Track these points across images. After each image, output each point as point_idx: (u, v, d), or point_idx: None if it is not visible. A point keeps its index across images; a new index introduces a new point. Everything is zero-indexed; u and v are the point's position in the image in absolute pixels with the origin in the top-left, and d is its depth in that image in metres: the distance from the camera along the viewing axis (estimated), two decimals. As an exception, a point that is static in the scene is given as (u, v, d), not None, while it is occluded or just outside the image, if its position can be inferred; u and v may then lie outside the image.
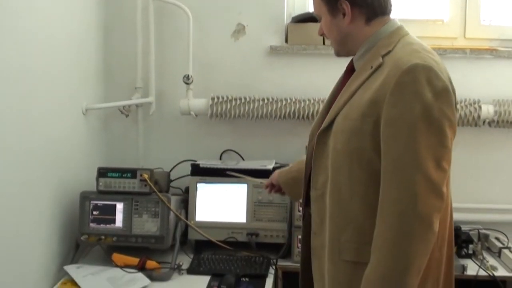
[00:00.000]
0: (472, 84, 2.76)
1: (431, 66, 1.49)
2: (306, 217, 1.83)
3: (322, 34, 1.76)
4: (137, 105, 2.88)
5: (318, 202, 1.71)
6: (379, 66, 1.58)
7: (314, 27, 2.34)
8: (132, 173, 2.46)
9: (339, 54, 1.76)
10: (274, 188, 2.18)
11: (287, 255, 2.51)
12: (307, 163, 1.81)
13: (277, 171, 2.19)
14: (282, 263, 2.48)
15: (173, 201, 2.48)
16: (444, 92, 1.49)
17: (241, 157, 2.91)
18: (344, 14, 1.64)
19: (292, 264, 2.46)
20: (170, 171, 2.79)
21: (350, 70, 1.74)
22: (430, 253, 1.52)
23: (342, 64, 1.80)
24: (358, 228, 1.59)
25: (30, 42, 2.12)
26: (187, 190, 2.69)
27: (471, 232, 2.58)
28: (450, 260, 1.72)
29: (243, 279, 2.32)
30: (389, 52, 1.59)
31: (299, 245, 2.44)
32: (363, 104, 1.56)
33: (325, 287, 1.70)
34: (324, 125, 1.69)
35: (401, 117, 1.47)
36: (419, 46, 1.58)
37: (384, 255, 1.47)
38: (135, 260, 2.37)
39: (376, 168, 1.53)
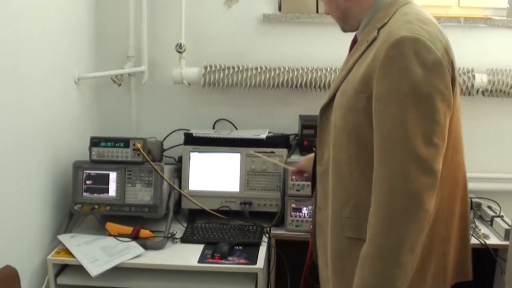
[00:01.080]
0: (466, 53, 2.75)
1: (419, 38, 1.43)
2: (315, 193, 1.82)
3: (327, 13, 1.74)
4: (129, 74, 2.85)
5: (323, 177, 1.71)
6: (374, 39, 1.55)
7: (307, -5, 2.32)
8: (125, 142, 2.45)
9: (344, 30, 1.73)
10: (302, 175, 2.16)
11: (280, 223, 2.52)
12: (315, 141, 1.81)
13: (303, 158, 2.16)
14: (275, 231, 2.49)
15: (166, 170, 2.48)
16: (435, 65, 1.44)
17: (234, 126, 2.91)
18: None
19: (286, 232, 2.48)
20: (163, 140, 2.78)
21: (354, 44, 1.70)
22: (433, 228, 1.52)
23: (336, 33, 1.79)
24: (358, 204, 1.58)
25: (20, 10, 2.09)
26: (180, 160, 2.68)
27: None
28: (463, 233, 1.69)
29: (237, 247, 2.34)
30: (384, 24, 1.55)
31: (292, 213, 2.46)
32: (356, 80, 1.54)
33: (328, 261, 1.70)
34: (325, 100, 1.68)
35: (389, 93, 1.44)
36: (415, 16, 1.52)
37: (376, 232, 1.46)
38: (128, 229, 2.37)
39: (373, 144, 1.50)
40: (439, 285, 1.66)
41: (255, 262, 2.23)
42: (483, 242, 2.40)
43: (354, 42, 1.71)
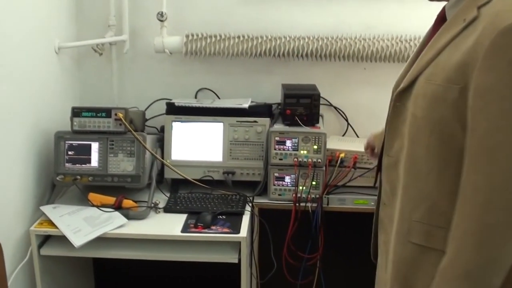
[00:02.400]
0: None
1: None
2: (379, 185, 1.70)
3: None
4: (110, 44, 2.82)
5: (390, 170, 1.56)
6: (474, 19, 1.32)
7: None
8: (107, 112, 2.43)
9: None
10: (373, 152, 2.03)
11: (263, 192, 2.53)
12: (385, 125, 1.62)
13: (372, 134, 2.03)
14: (258, 200, 2.50)
15: (149, 140, 2.47)
16: None
17: (217, 95, 2.89)
18: None
19: (268, 201, 2.48)
20: (145, 110, 2.77)
21: (441, 20, 1.48)
22: None
23: (319, 0, 1.72)
24: (431, 208, 1.43)
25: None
26: (162, 129, 2.67)
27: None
28: None
29: (220, 216, 2.34)
30: (487, 2, 1.32)
31: (275, 182, 2.46)
32: (450, 66, 1.34)
33: (388, 264, 1.58)
34: (403, 84, 1.48)
35: (494, 88, 1.25)
36: None
37: (464, 248, 1.31)
38: (111, 199, 2.37)
39: (459, 143, 1.34)
40: None
41: (238, 231, 2.24)
42: None
43: (441, 17, 1.49)
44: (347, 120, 2.89)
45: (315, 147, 2.44)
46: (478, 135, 1.28)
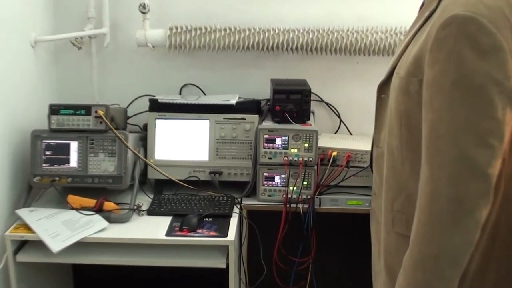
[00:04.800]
0: None
1: (473, 17, 1.27)
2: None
3: None
4: (90, 37, 2.80)
5: (379, 161, 1.66)
6: (433, 12, 1.41)
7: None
8: (86, 109, 2.41)
9: None
10: None
11: (252, 193, 2.52)
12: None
13: None
14: (246, 201, 2.49)
15: (131, 139, 2.45)
16: (493, 51, 1.27)
17: (202, 91, 2.88)
18: None
19: (258, 202, 2.48)
20: (127, 107, 2.76)
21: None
22: (494, 233, 1.43)
23: None
24: (408, 197, 1.49)
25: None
26: (145, 127, 2.65)
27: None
28: None
29: (206, 219, 2.33)
30: None
31: (265, 182, 2.45)
32: (410, 60, 1.43)
33: (380, 253, 1.65)
34: (384, 77, 1.59)
35: (436, 81, 1.32)
36: None
37: (418, 238, 1.37)
38: (91, 202, 2.35)
39: None
40: None
41: (226, 235, 2.23)
42: None
43: (422, 6, 1.58)
44: (339, 117, 2.89)
45: (306, 145, 2.43)
46: (426, 126, 1.35)
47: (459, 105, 1.29)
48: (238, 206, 2.44)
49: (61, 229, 2.21)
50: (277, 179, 2.47)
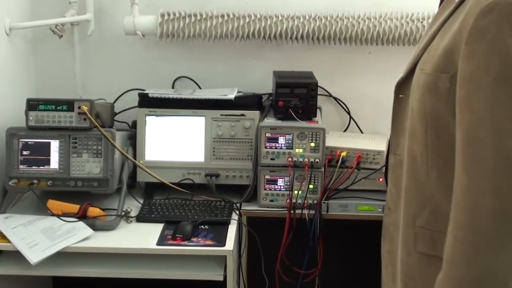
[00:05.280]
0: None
1: None
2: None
3: None
4: (72, 24, 2.80)
5: (396, 170, 1.63)
6: (463, 0, 1.39)
7: None
8: (69, 105, 2.41)
9: None
10: None
11: (252, 198, 2.52)
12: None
13: None
14: (246, 207, 2.49)
15: (118, 138, 2.45)
16: None
17: (197, 85, 2.89)
18: None
19: (259, 208, 2.47)
20: (114, 102, 2.76)
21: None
22: None
23: None
24: (435, 212, 1.47)
25: None
26: (134, 125, 2.65)
27: None
28: None
29: (202, 226, 2.32)
30: None
31: (266, 186, 2.44)
32: (438, 53, 1.40)
33: (396, 276, 1.62)
34: (403, 74, 1.57)
35: (474, 77, 1.28)
36: None
37: (456, 259, 1.33)
38: (74, 207, 2.34)
39: (455, 138, 1.36)
40: None
41: (223, 244, 2.22)
42: None
43: None
44: (349, 113, 2.90)
45: (312, 144, 2.43)
46: (463, 129, 1.32)
47: (502, 104, 1.25)
48: (237, 212, 2.44)
49: (40, 238, 2.19)
50: (280, 182, 2.46)
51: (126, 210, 2.38)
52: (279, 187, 2.46)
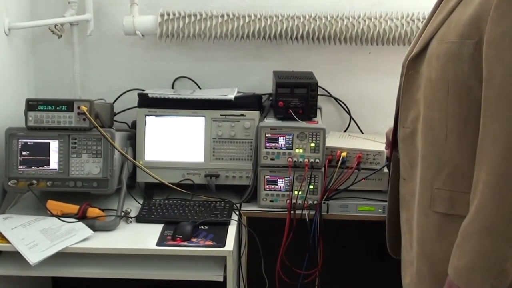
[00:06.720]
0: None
1: None
2: (394, 162, 1.82)
3: None
4: (71, 24, 2.80)
5: (407, 142, 1.71)
6: None
7: None
8: (68, 105, 2.41)
9: None
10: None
11: (252, 198, 2.52)
12: (397, 99, 1.79)
13: (390, 129, 2.11)
14: (246, 208, 2.49)
15: (118, 138, 2.45)
16: None
17: (197, 85, 2.89)
18: None
19: (259, 209, 2.47)
20: (114, 102, 2.76)
21: None
22: None
23: None
24: (453, 173, 1.57)
25: None
26: (134, 125, 2.65)
27: None
28: None
29: (202, 227, 2.32)
30: None
31: (266, 186, 2.45)
32: (463, 22, 1.50)
33: (413, 241, 1.69)
34: (416, 49, 1.65)
35: (507, 36, 1.39)
36: None
37: (486, 202, 1.42)
38: (74, 208, 2.34)
39: (478, 100, 1.47)
40: None
41: (223, 244, 2.22)
42: None
43: None
44: (349, 114, 2.90)
45: (313, 145, 2.43)
46: (495, 83, 1.42)
47: None
48: (237, 212, 2.44)
49: (40, 238, 2.20)
50: (280, 182, 2.46)
51: (125, 210, 2.38)
52: (279, 188, 2.46)
